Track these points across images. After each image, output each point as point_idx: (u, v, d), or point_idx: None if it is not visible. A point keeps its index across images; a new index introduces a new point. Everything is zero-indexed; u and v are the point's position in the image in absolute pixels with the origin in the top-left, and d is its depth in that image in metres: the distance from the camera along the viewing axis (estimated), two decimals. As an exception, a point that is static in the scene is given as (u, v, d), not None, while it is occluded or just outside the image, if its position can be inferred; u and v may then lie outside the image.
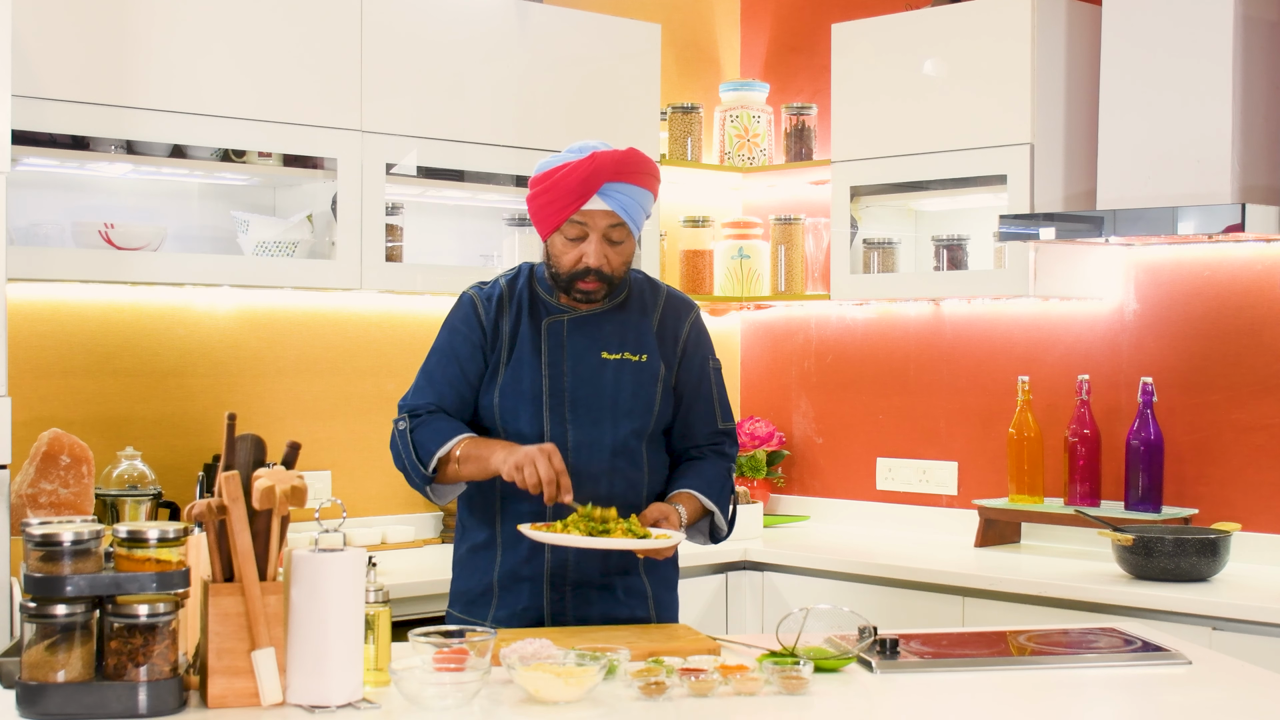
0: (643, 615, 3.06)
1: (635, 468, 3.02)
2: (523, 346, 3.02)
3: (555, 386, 3.00)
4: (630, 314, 3.08)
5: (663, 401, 3.05)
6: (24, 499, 3.09)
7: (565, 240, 2.98)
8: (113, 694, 2.19)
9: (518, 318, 3.04)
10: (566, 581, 3.00)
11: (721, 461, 3.12)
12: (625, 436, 3.01)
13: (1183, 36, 3.81)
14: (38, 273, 3.53)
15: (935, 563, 4.01)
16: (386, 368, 4.38)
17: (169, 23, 3.63)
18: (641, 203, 2.98)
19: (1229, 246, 4.06)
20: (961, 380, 4.60)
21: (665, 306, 3.11)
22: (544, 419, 2.98)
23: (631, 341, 3.05)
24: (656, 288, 3.15)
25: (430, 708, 2.27)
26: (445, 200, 4.40)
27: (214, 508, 2.26)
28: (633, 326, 3.06)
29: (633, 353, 3.04)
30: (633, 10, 4.84)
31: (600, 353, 3.03)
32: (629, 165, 2.94)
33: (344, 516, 3.42)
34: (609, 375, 3.01)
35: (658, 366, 3.05)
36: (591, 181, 2.91)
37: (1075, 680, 2.62)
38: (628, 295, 3.10)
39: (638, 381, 3.02)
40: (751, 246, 4.84)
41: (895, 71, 4.37)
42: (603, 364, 3.02)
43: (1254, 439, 4.03)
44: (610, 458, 2.99)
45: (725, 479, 3.10)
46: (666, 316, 3.10)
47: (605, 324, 3.05)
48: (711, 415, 3.13)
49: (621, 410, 3.01)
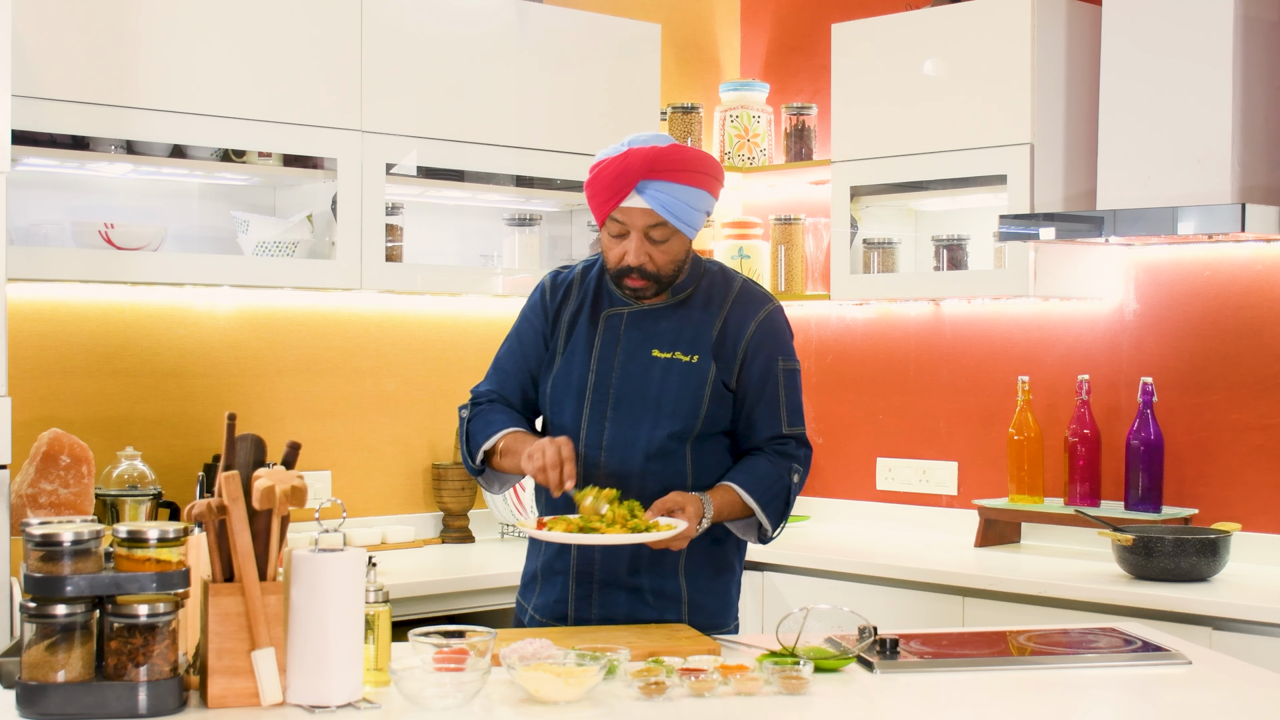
0: (674, 620, 2.93)
1: (674, 471, 2.90)
2: (579, 338, 2.97)
3: (601, 382, 2.93)
4: (692, 311, 2.94)
5: (712, 404, 2.90)
6: (24, 499, 3.09)
7: (610, 236, 2.89)
8: (113, 694, 2.19)
9: (579, 307, 2.99)
10: (593, 580, 2.94)
11: (781, 461, 2.93)
12: (663, 439, 2.89)
13: (1183, 37, 3.81)
14: (38, 273, 3.53)
15: (935, 563, 4.01)
16: (386, 368, 4.38)
17: (169, 23, 3.64)
18: (688, 200, 2.82)
19: (1229, 246, 4.06)
20: (961, 380, 4.60)
21: (734, 303, 2.94)
22: (584, 414, 2.92)
23: (686, 340, 2.92)
24: (730, 282, 2.98)
25: (430, 708, 2.26)
26: (445, 200, 4.40)
27: (214, 508, 2.26)
28: (691, 325, 2.93)
29: (685, 353, 2.92)
30: (633, 10, 4.84)
31: (652, 350, 2.93)
32: (665, 161, 2.80)
33: (344, 516, 3.43)
34: (656, 374, 2.91)
35: (708, 368, 2.90)
36: (624, 179, 2.80)
37: (1075, 680, 2.61)
38: (694, 290, 2.96)
39: (684, 383, 2.90)
40: (751, 246, 4.84)
41: (895, 72, 4.37)
42: (652, 362, 2.92)
43: (1254, 439, 4.03)
44: (644, 460, 2.89)
45: (779, 478, 2.91)
46: (733, 314, 2.93)
47: (663, 320, 2.95)
48: (776, 418, 2.93)
49: (664, 411, 2.89)
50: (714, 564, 2.98)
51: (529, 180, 4.31)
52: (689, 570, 2.94)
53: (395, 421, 4.40)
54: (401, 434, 4.41)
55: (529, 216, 4.44)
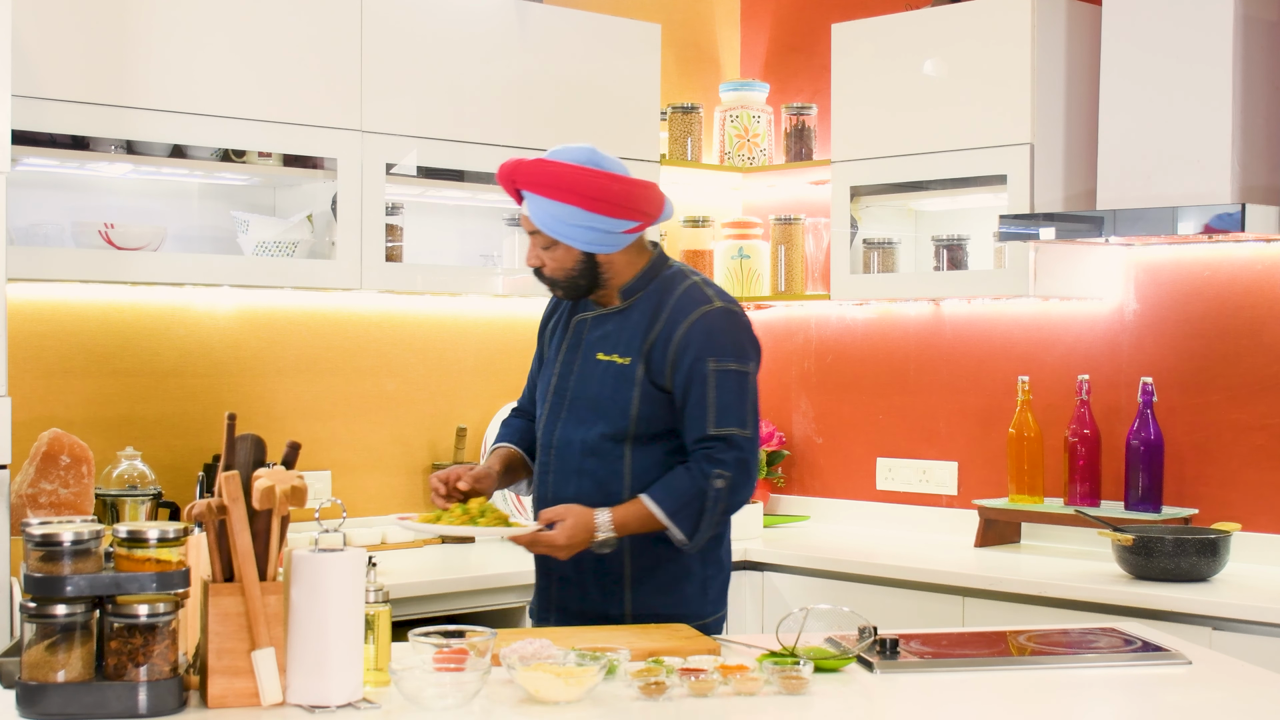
0: (616, 612, 3.04)
1: (610, 471, 3.02)
2: (555, 343, 3.18)
3: (561, 384, 3.10)
4: (633, 314, 3.05)
5: (643, 405, 3.00)
6: (24, 499, 3.09)
7: None
8: (113, 694, 2.19)
9: (562, 314, 3.18)
10: (553, 575, 3.09)
11: (702, 466, 2.96)
12: (597, 438, 3.02)
13: (1183, 37, 3.81)
14: (38, 273, 3.53)
15: (935, 563, 4.01)
16: (386, 368, 4.38)
17: (169, 23, 3.64)
18: (555, 214, 2.94)
19: (1229, 246, 4.06)
20: (961, 380, 4.60)
21: (672, 307, 3.01)
22: (546, 414, 3.12)
23: (623, 343, 3.04)
24: (673, 286, 3.05)
25: (430, 708, 2.27)
26: (445, 200, 4.40)
27: (214, 508, 2.26)
28: (629, 328, 3.04)
29: (621, 355, 3.03)
30: (633, 10, 4.84)
31: (598, 353, 3.06)
32: (523, 174, 2.95)
33: (344, 516, 3.43)
34: (598, 376, 3.05)
35: (635, 370, 3.00)
36: (504, 184, 3.01)
37: (1075, 680, 2.62)
38: (642, 295, 3.05)
39: (616, 384, 3.02)
40: (751, 246, 4.84)
41: (895, 72, 4.37)
42: (596, 364, 3.06)
43: (1254, 439, 4.03)
44: (580, 457, 3.04)
45: (693, 486, 2.95)
46: (669, 317, 3.01)
47: (609, 324, 3.07)
48: (702, 419, 2.97)
49: (600, 412, 3.03)
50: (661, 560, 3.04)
51: (529, 180, 4.30)
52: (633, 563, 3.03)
53: (395, 421, 4.40)
54: (401, 434, 4.41)
55: (529, 216, 4.44)
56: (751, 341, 3.06)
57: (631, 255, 3.06)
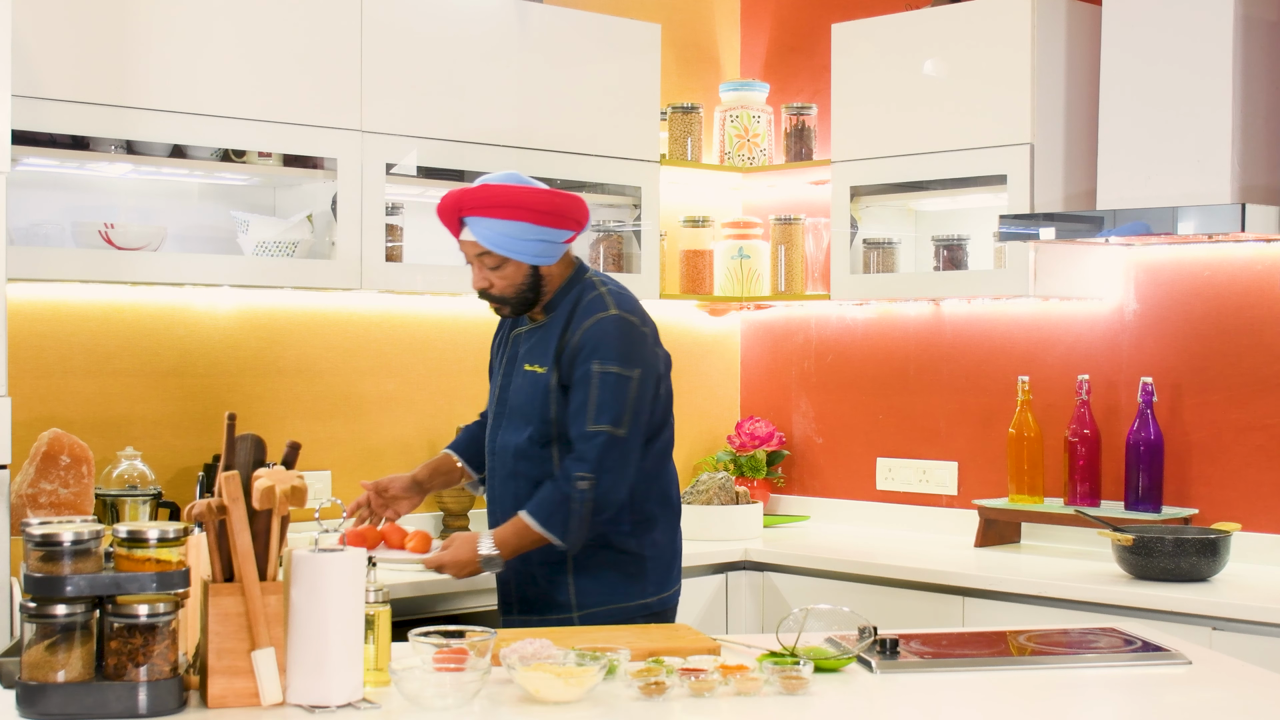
0: (563, 599, 3.29)
1: (540, 471, 3.27)
2: (497, 357, 3.46)
3: (502, 396, 3.38)
4: (552, 326, 3.30)
5: (558, 409, 3.25)
6: (24, 499, 3.09)
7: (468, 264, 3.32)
8: (113, 694, 2.19)
9: (505, 331, 3.44)
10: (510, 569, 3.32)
11: (564, 473, 3.18)
12: (526, 443, 3.28)
13: (1183, 39, 3.81)
14: (38, 273, 3.53)
15: (935, 563, 4.01)
16: (386, 368, 4.38)
17: (169, 23, 3.64)
18: (504, 231, 3.19)
19: (1229, 246, 4.06)
20: (961, 380, 4.60)
21: (575, 316, 3.26)
22: (489, 425, 3.41)
23: (540, 353, 3.29)
24: (582, 296, 3.29)
25: (430, 708, 2.27)
26: (445, 200, 4.40)
27: (214, 508, 2.26)
28: (547, 339, 3.29)
29: (540, 365, 3.28)
30: (633, 10, 4.84)
31: (525, 364, 3.32)
32: (470, 201, 3.19)
33: (344, 516, 3.43)
34: (526, 386, 3.30)
35: (550, 378, 3.26)
36: (445, 217, 3.25)
37: (1075, 680, 2.62)
38: (559, 307, 3.30)
39: (534, 391, 3.28)
40: (751, 246, 4.84)
41: (895, 72, 4.37)
42: (525, 375, 3.32)
43: (1254, 439, 4.03)
44: (513, 460, 3.31)
45: (556, 491, 3.17)
46: (572, 324, 3.25)
47: (533, 337, 3.34)
48: (581, 416, 3.20)
49: (524, 418, 3.29)
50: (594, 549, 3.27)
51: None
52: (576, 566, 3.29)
53: (395, 421, 4.40)
54: (401, 434, 4.41)
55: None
56: (640, 350, 3.25)
57: (562, 266, 3.32)
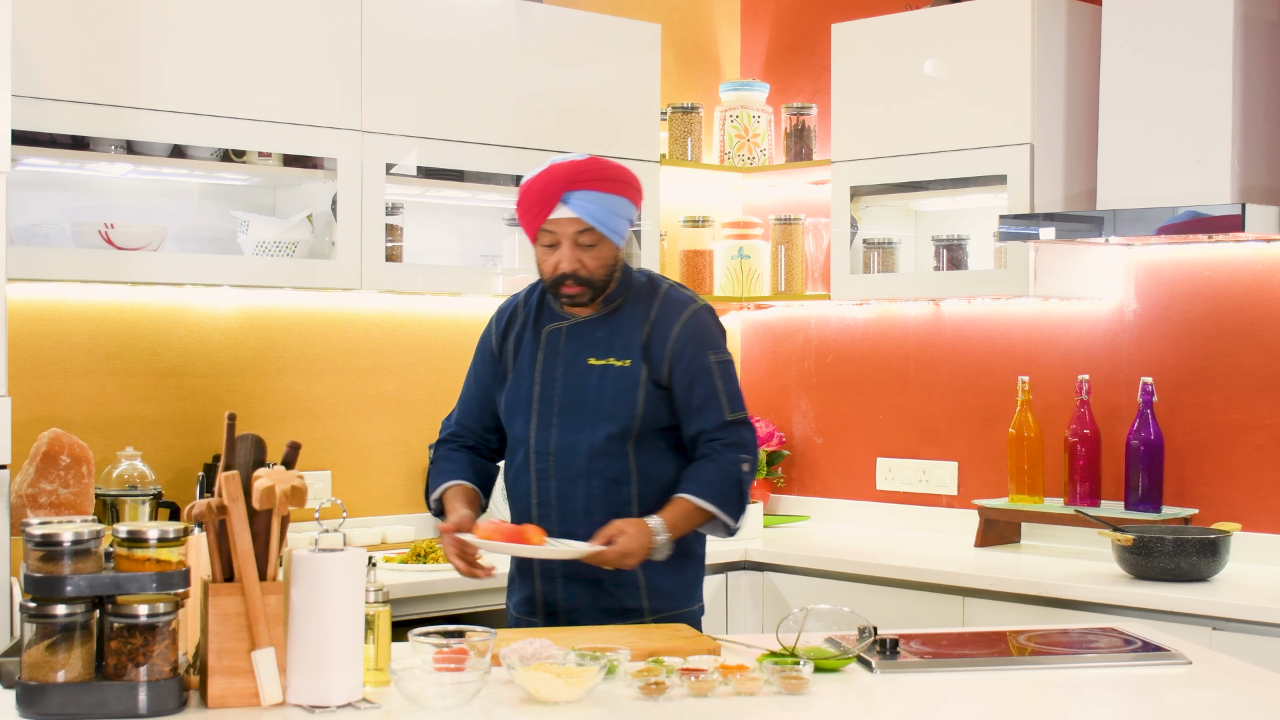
0: (634, 605, 3.11)
1: (618, 468, 3.11)
2: (524, 354, 3.21)
3: (546, 392, 3.16)
4: (623, 319, 3.15)
5: (647, 404, 3.11)
6: (24, 499, 3.09)
7: (543, 248, 3.10)
8: (113, 694, 2.19)
9: (523, 327, 3.22)
10: (557, 575, 3.13)
11: (726, 454, 3.10)
12: (603, 440, 3.10)
13: (1183, 37, 3.81)
14: (38, 273, 3.53)
15: (935, 563, 4.01)
16: (386, 368, 4.38)
17: (169, 23, 3.63)
18: (609, 207, 3.06)
19: (1229, 246, 4.06)
20: (961, 380, 4.60)
21: (659, 308, 3.15)
22: (532, 424, 3.16)
23: (618, 346, 3.13)
24: (656, 289, 3.19)
25: (430, 708, 2.27)
26: (445, 200, 4.40)
27: (214, 508, 2.26)
28: (622, 332, 3.14)
29: (618, 358, 3.13)
30: (633, 10, 4.84)
31: (588, 358, 3.14)
32: (584, 173, 3.05)
33: (344, 516, 3.43)
34: (594, 380, 3.13)
35: (639, 371, 3.11)
36: (549, 192, 3.04)
37: (1075, 680, 2.62)
38: (624, 299, 3.17)
39: (619, 386, 3.11)
40: (751, 246, 4.84)
41: (895, 71, 4.36)
42: (589, 369, 3.14)
43: (1254, 439, 4.03)
44: (587, 460, 3.11)
45: (726, 473, 3.09)
46: (659, 318, 3.14)
47: (597, 330, 3.16)
48: (719, 407, 3.11)
49: (602, 414, 3.11)
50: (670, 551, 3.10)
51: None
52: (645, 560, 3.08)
53: (395, 421, 4.40)
54: (401, 434, 4.41)
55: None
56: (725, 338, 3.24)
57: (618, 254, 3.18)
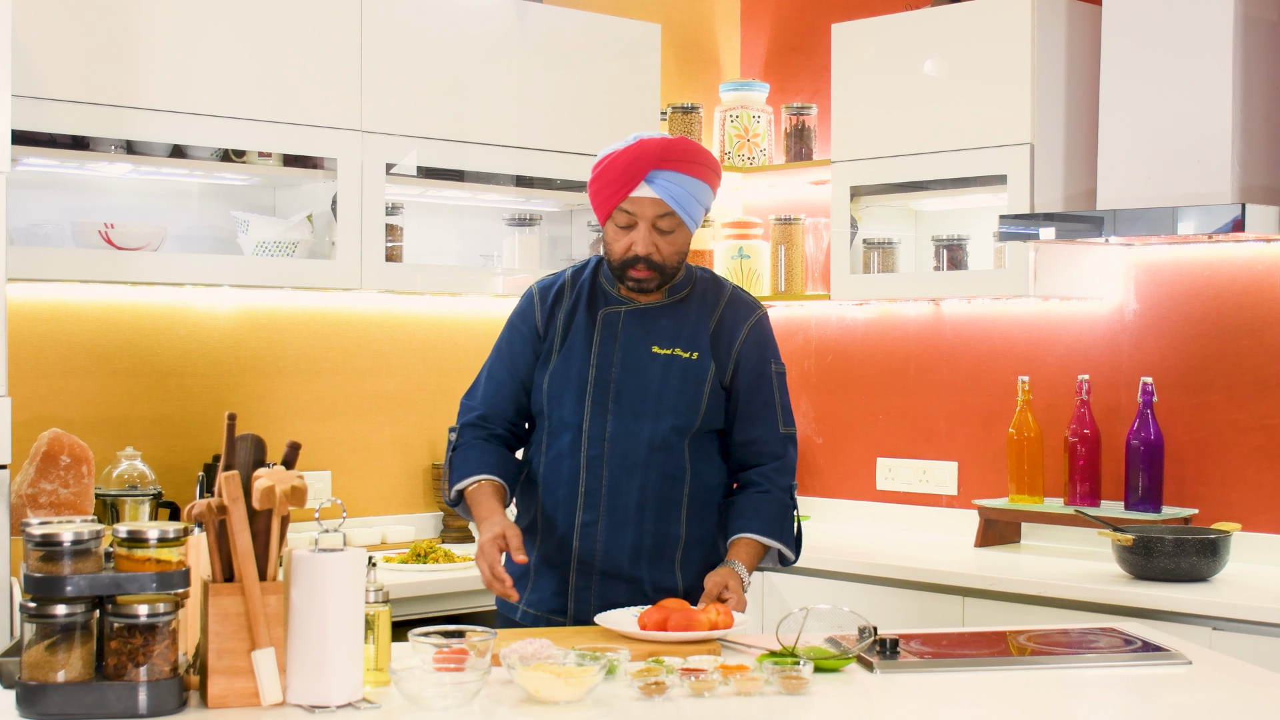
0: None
1: (674, 463, 3.02)
2: (576, 335, 3.06)
3: (602, 376, 3.03)
4: (689, 310, 3.07)
5: (710, 401, 3.03)
6: (24, 499, 3.09)
7: (616, 228, 2.98)
8: (113, 694, 2.19)
9: (574, 306, 3.09)
10: (594, 571, 3.02)
11: (778, 480, 3.06)
12: (665, 432, 3.01)
13: (1183, 36, 3.81)
14: (38, 273, 3.53)
15: (935, 563, 4.01)
16: (386, 368, 4.38)
17: (169, 23, 3.63)
18: (693, 192, 2.94)
19: (1229, 246, 4.06)
20: (961, 380, 4.60)
21: (727, 306, 3.08)
22: (585, 408, 3.02)
23: (685, 338, 3.04)
24: (721, 287, 3.12)
25: (430, 708, 2.27)
26: (445, 200, 4.40)
27: (214, 508, 2.26)
28: (689, 323, 3.05)
29: (684, 349, 3.03)
30: (633, 10, 4.84)
31: (651, 346, 3.03)
32: (675, 152, 2.93)
33: (344, 516, 3.42)
34: (657, 369, 3.02)
35: (707, 366, 3.03)
36: (635, 168, 2.91)
37: (1075, 680, 2.62)
38: (690, 291, 3.09)
39: (685, 378, 3.02)
40: (751, 246, 4.84)
41: (895, 72, 4.36)
42: (652, 358, 3.03)
43: (1254, 439, 4.03)
44: (647, 451, 3.00)
45: (783, 505, 3.06)
46: (726, 317, 3.07)
47: (662, 318, 3.06)
48: (774, 418, 3.07)
49: (665, 405, 3.01)
50: (707, 558, 3.09)
51: (529, 180, 4.31)
52: (684, 563, 3.06)
53: (395, 421, 4.40)
54: (401, 434, 4.41)
55: (529, 216, 4.45)
56: None
57: None
